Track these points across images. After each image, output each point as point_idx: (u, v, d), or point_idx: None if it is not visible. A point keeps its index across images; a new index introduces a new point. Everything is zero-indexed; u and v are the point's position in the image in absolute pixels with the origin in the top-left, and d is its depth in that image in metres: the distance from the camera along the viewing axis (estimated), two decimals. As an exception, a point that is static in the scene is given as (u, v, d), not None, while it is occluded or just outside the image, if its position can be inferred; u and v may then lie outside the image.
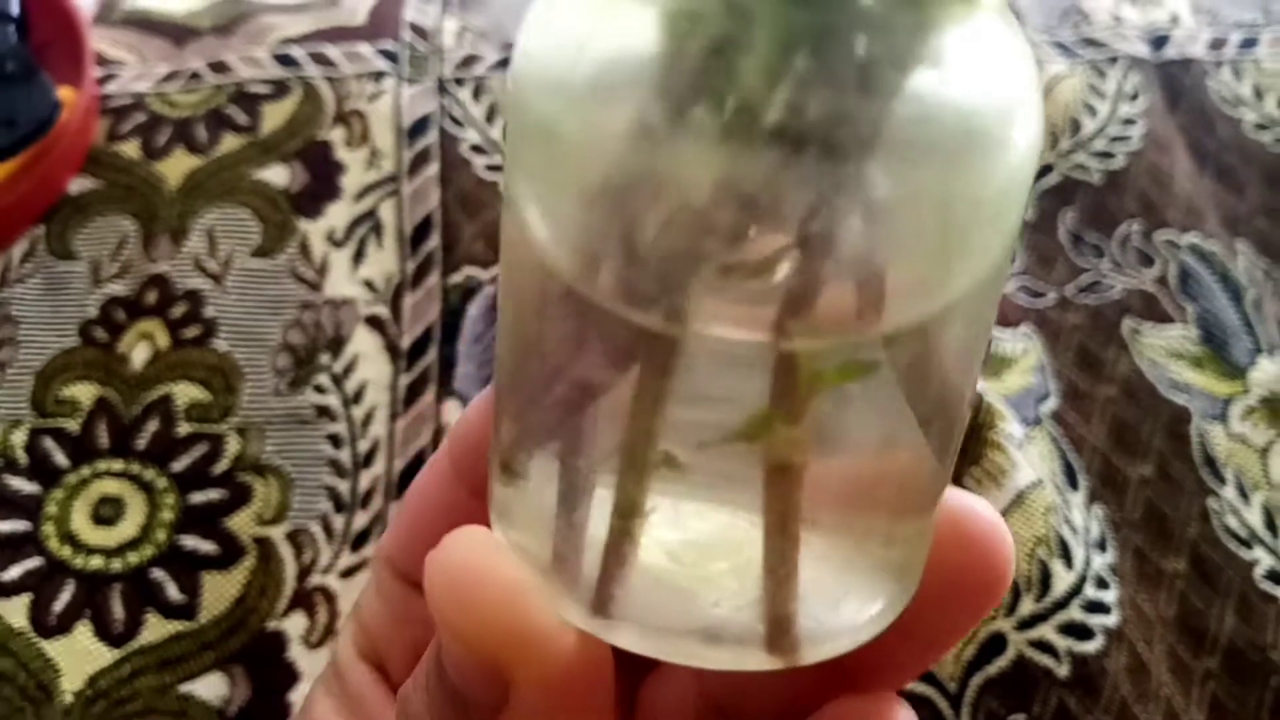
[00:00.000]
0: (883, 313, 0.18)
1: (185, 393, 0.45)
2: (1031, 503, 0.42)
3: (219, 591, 0.41)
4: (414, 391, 0.45)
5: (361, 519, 0.43)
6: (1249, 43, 0.59)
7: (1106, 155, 0.54)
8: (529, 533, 0.21)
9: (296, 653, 0.40)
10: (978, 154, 0.17)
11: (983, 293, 0.19)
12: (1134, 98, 0.56)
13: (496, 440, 0.22)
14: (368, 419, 0.45)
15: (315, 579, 0.42)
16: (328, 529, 0.43)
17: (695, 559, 0.20)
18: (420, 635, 0.26)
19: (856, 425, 0.20)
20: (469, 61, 0.54)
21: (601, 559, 0.20)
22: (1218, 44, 0.59)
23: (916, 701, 0.39)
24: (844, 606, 0.21)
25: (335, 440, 0.44)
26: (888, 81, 0.17)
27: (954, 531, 0.22)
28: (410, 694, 0.23)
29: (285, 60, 0.53)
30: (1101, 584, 0.42)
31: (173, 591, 0.41)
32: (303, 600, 0.41)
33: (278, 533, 0.42)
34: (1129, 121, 0.55)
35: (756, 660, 0.20)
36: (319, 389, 0.45)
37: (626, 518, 0.19)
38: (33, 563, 0.41)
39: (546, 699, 0.20)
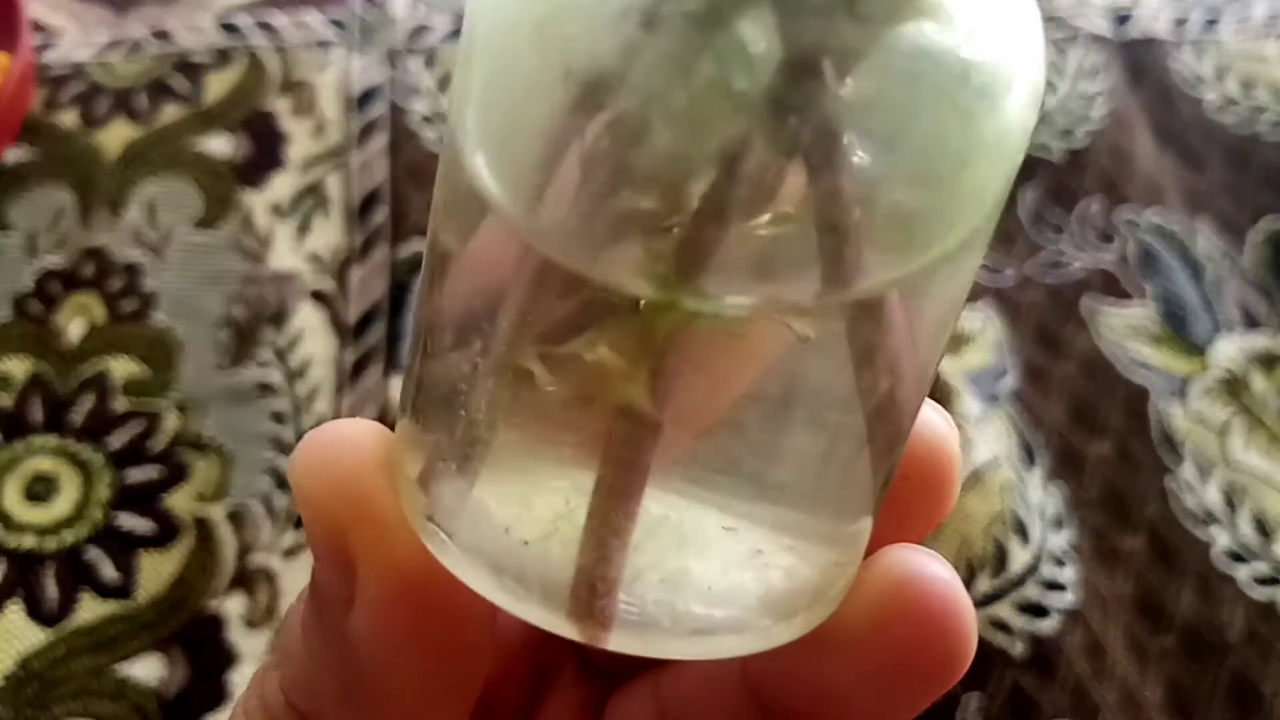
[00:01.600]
0: (827, 276, 0.16)
1: (123, 368, 0.44)
2: (988, 481, 0.41)
3: (156, 571, 0.40)
4: (360, 367, 0.44)
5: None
6: (1211, 23, 0.59)
7: (1067, 133, 0.54)
8: (407, 444, 0.20)
9: (236, 633, 0.39)
10: (974, 103, 0.16)
11: (950, 268, 0.17)
12: (1095, 76, 0.56)
13: (408, 378, 0.20)
14: (312, 395, 0.44)
15: (256, 558, 0.41)
16: (269, 508, 0.41)
17: (530, 492, 0.19)
18: None
19: (752, 402, 0.17)
20: (420, 31, 0.53)
21: (440, 460, 0.19)
22: (1180, 23, 0.58)
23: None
24: (689, 604, 0.18)
25: (278, 417, 0.43)
26: (883, 14, 0.15)
27: (900, 599, 0.19)
28: (291, 607, 0.22)
29: (230, 28, 0.52)
30: (1059, 562, 0.41)
31: (108, 571, 0.40)
32: (243, 580, 0.40)
33: (217, 511, 0.41)
34: (1090, 100, 0.55)
35: (556, 624, 0.18)
36: (262, 364, 0.44)
37: (471, 422, 0.18)
38: (-37, 541, 0.40)
39: (387, 589, 0.18)
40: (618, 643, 0.18)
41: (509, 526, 0.18)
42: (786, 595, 0.19)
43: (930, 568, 0.19)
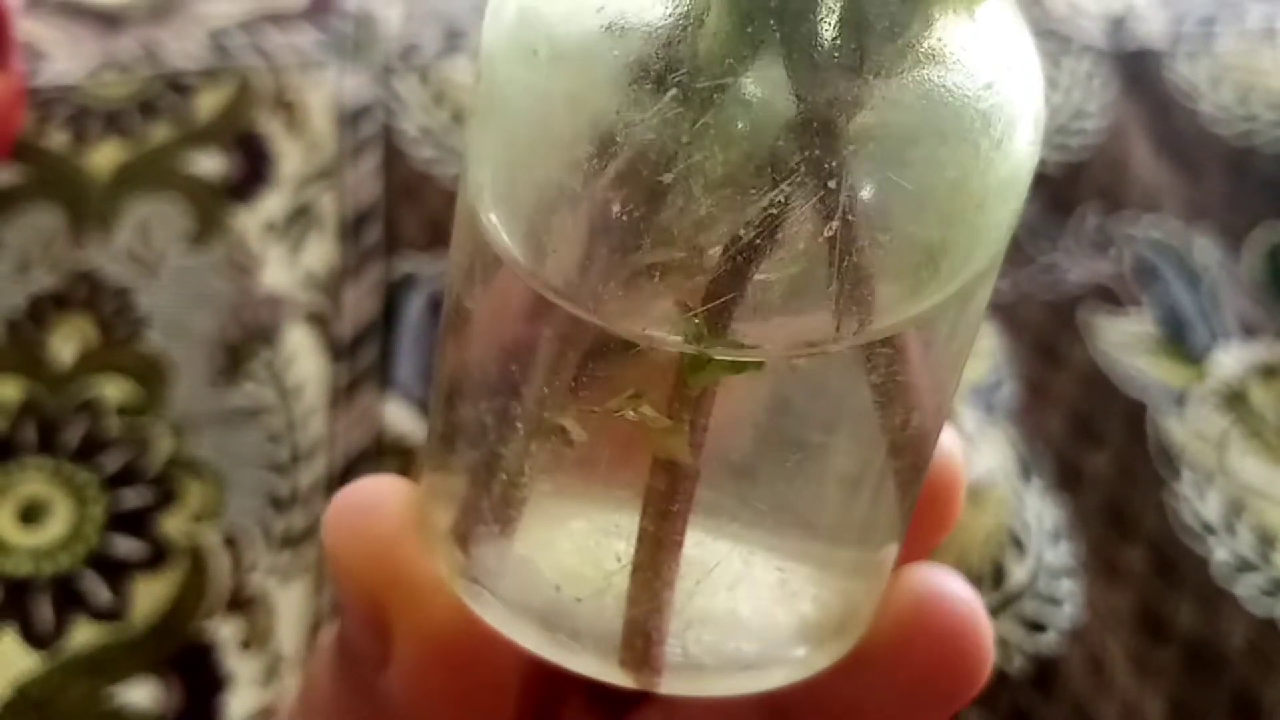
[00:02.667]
0: (842, 320, 0.16)
1: (115, 390, 0.43)
2: (986, 494, 0.41)
3: (150, 594, 0.40)
4: (354, 386, 0.44)
5: (300, 519, 0.42)
6: (1206, 33, 0.59)
7: (1063, 146, 0.53)
8: (437, 497, 0.20)
9: (230, 656, 0.39)
10: (976, 147, 0.16)
11: (963, 302, 0.17)
12: (1091, 88, 0.56)
13: (433, 413, 0.21)
14: (306, 415, 0.44)
15: (250, 581, 0.40)
16: (264, 529, 0.41)
17: (573, 549, 0.19)
18: None
19: (779, 439, 0.18)
20: (412, 49, 0.53)
21: (479, 520, 0.19)
22: (1175, 35, 0.58)
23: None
24: (734, 642, 0.19)
25: (272, 437, 0.43)
26: (878, 64, 0.16)
27: (922, 617, 0.20)
28: (310, 657, 0.22)
29: (220, 48, 0.52)
30: (1057, 577, 0.41)
31: (102, 594, 0.40)
32: (237, 603, 0.40)
33: (211, 533, 0.41)
34: (1086, 112, 0.55)
35: (608, 671, 0.19)
36: (256, 385, 0.44)
37: (511, 483, 0.18)
38: (-45, 566, 0.40)
39: (424, 652, 0.19)
40: (669, 687, 0.19)
41: (559, 584, 0.19)
42: (821, 624, 0.19)
43: (950, 585, 0.20)
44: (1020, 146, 0.17)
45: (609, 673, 0.19)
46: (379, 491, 0.19)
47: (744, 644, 0.19)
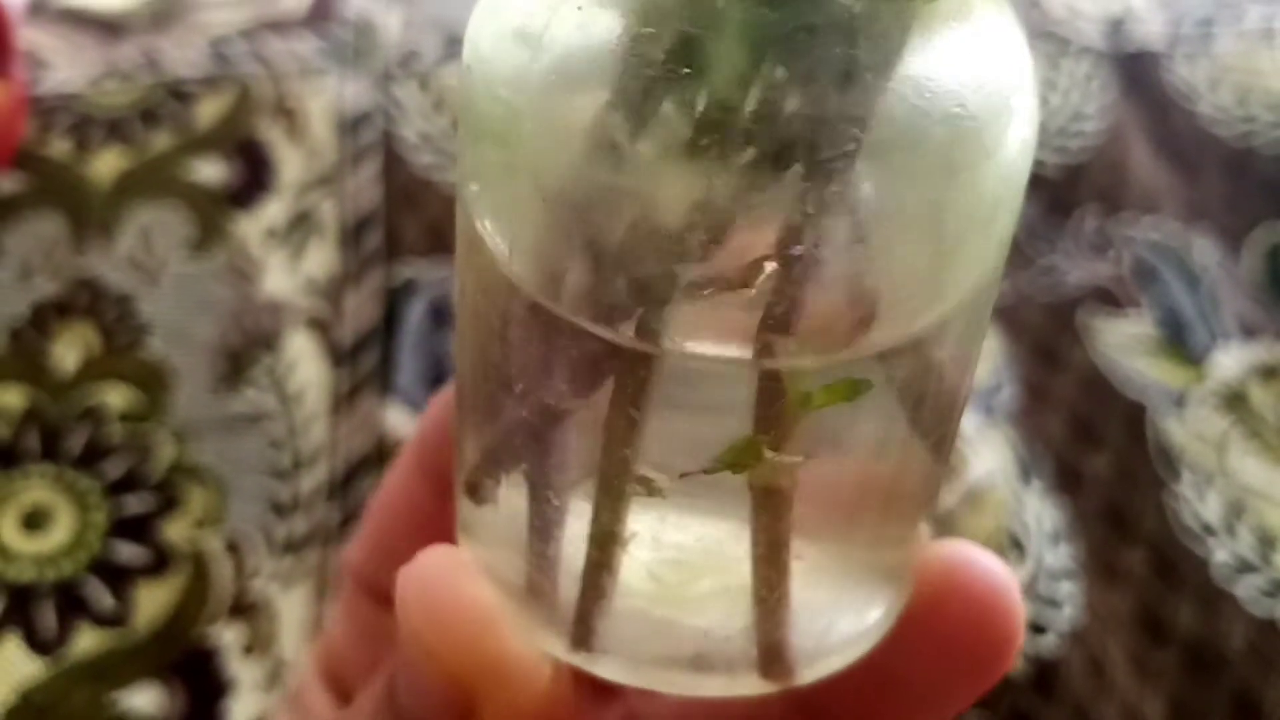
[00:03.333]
0: (873, 328, 0.17)
1: (118, 397, 0.44)
2: (985, 497, 0.41)
3: (153, 600, 0.40)
4: (355, 392, 0.44)
5: (302, 525, 0.42)
6: (1205, 35, 0.59)
7: (1062, 148, 0.53)
8: (500, 555, 0.20)
9: (234, 662, 0.39)
10: (968, 158, 0.16)
11: (977, 302, 0.18)
12: (1090, 90, 0.56)
13: (461, 459, 0.21)
14: (308, 421, 0.44)
15: (253, 586, 0.40)
16: (266, 535, 0.41)
17: (678, 583, 0.19)
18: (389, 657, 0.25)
19: (845, 443, 0.18)
20: (412, 55, 0.53)
21: (580, 591, 0.19)
22: (1173, 36, 0.58)
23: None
24: (837, 623, 0.20)
25: (274, 444, 0.43)
26: (870, 84, 0.16)
27: (954, 589, 0.20)
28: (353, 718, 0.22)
29: (221, 56, 0.52)
30: (1057, 578, 0.41)
31: (105, 600, 0.40)
32: (240, 608, 0.40)
33: (214, 539, 0.41)
34: (1084, 114, 0.55)
35: (750, 685, 0.20)
36: (257, 391, 0.44)
37: (604, 548, 0.18)
38: (-41, 573, 0.40)
39: None
40: (808, 677, 0.20)
41: (670, 617, 0.19)
42: (884, 595, 0.20)
43: (978, 553, 0.20)
44: (1016, 149, 0.17)
45: (748, 686, 0.20)
46: (454, 569, 0.19)
47: (841, 624, 0.20)
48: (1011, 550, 0.41)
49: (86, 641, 0.39)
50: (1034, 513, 0.42)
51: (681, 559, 0.19)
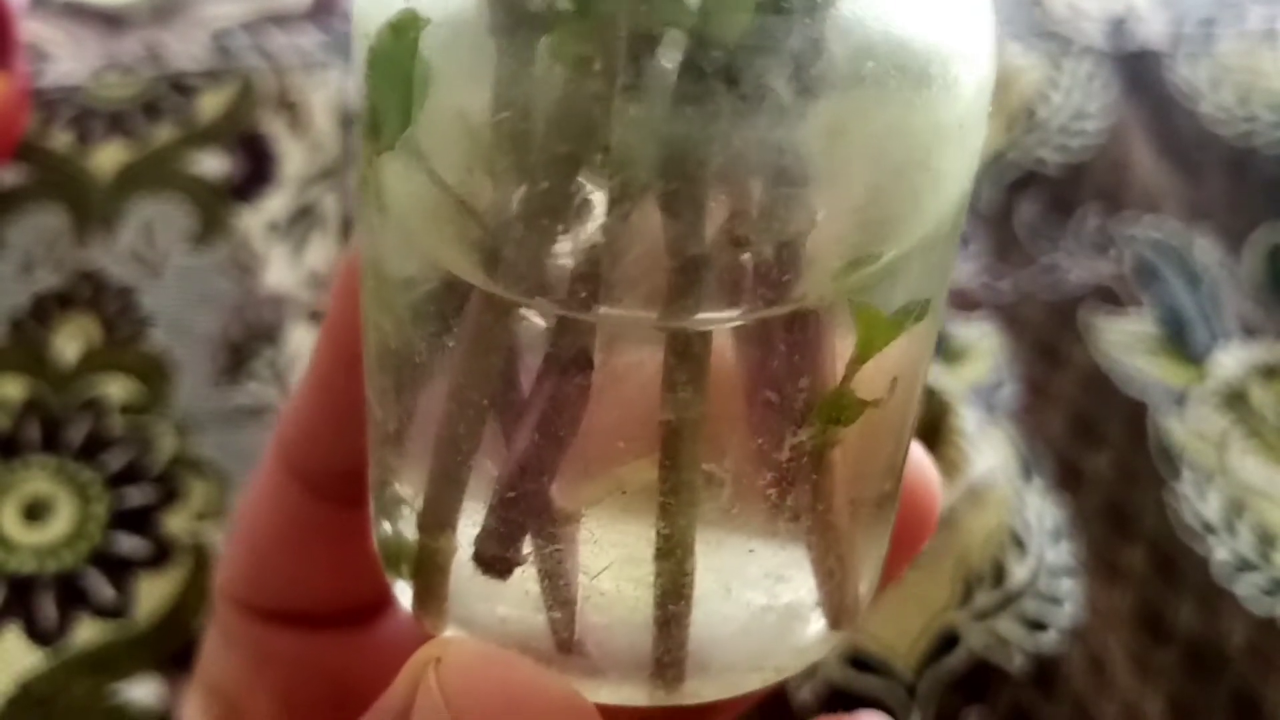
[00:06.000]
0: (804, 275, 0.15)
1: (119, 389, 0.44)
2: (986, 494, 0.41)
3: (154, 592, 0.40)
4: (357, 386, 0.44)
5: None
6: (1206, 35, 0.59)
7: (1064, 147, 0.54)
8: (523, 621, 0.19)
9: (233, 654, 0.39)
10: (920, 89, 0.15)
11: (928, 254, 0.17)
12: (1091, 89, 0.56)
13: (391, 483, 0.19)
14: (309, 414, 0.44)
15: (253, 578, 0.40)
16: (266, 527, 0.41)
17: (730, 578, 0.18)
18: (286, 676, 0.23)
19: (901, 382, 0.17)
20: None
21: (657, 619, 0.18)
22: (1175, 36, 0.58)
23: (871, 700, 0.39)
24: (862, 580, 0.19)
25: (275, 436, 0.43)
26: (808, 2, 0.14)
27: None
28: None
29: (223, 49, 0.52)
30: (1058, 576, 0.41)
31: (106, 592, 0.40)
32: (240, 600, 0.40)
33: (214, 532, 0.41)
34: (1086, 113, 0.55)
35: (816, 634, 0.19)
36: (259, 384, 0.44)
37: (677, 558, 0.17)
38: (-41, 564, 0.40)
39: None
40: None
41: (760, 619, 0.18)
42: (824, 604, 0.19)
43: None
44: (968, 90, 0.16)
45: (820, 636, 0.19)
46: (500, 659, 0.18)
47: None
48: (1013, 547, 0.41)
49: (87, 633, 0.39)
50: (1035, 510, 0.42)
51: (725, 551, 0.18)
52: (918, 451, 0.21)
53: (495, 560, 0.18)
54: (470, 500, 0.18)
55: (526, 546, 0.17)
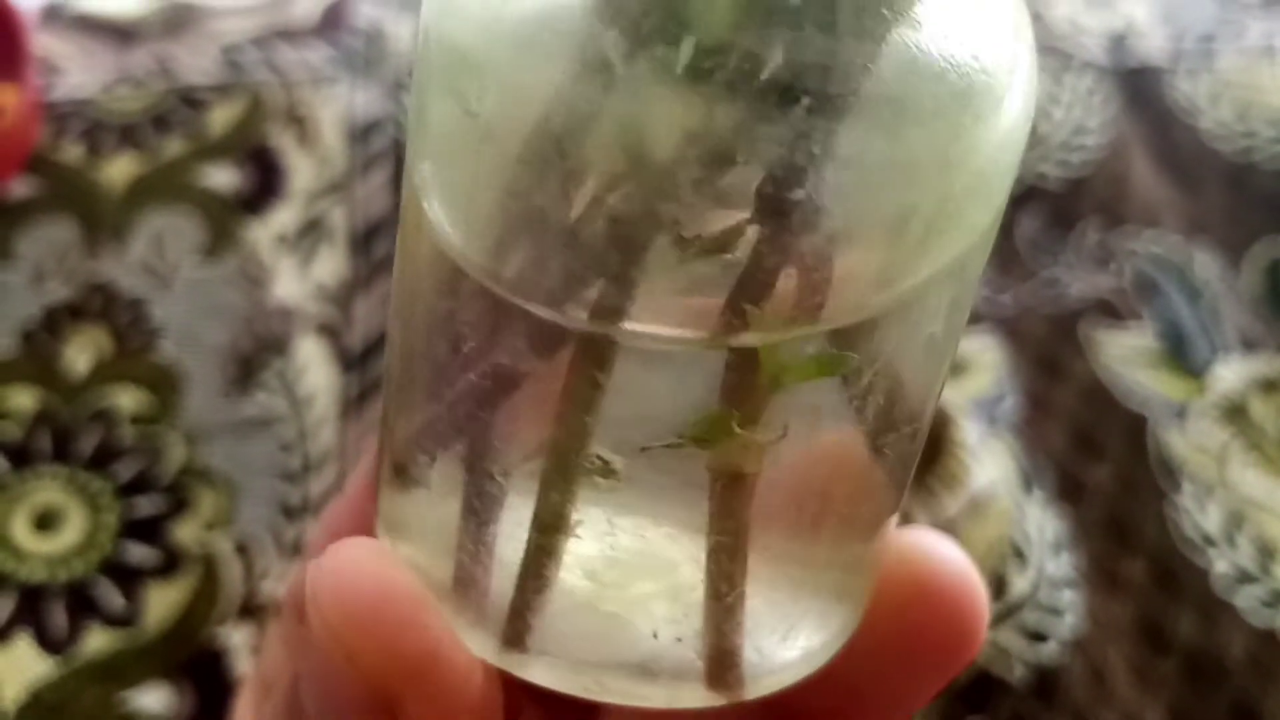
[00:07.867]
0: (851, 297, 0.15)
1: (130, 399, 0.44)
2: (987, 506, 0.42)
3: (164, 601, 0.40)
4: (364, 397, 0.45)
5: (311, 527, 0.42)
6: (1206, 51, 0.59)
7: (1065, 162, 0.54)
8: (426, 547, 0.18)
9: (243, 663, 0.40)
10: (967, 117, 0.15)
11: (963, 272, 0.17)
12: (1092, 104, 0.56)
13: (389, 439, 0.19)
14: (318, 425, 0.44)
15: (262, 588, 0.41)
16: (276, 538, 0.42)
17: (621, 581, 0.18)
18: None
19: (819, 425, 0.17)
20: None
21: (517, 583, 0.17)
22: (1175, 52, 0.59)
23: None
24: (790, 636, 0.19)
25: (284, 447, 0.43)
26: (871, 27, 0.14)
27: (917, 580, 0.19)
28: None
29: (233, 63, 0.52)
30: (1058, 587, 0.41)
31: (116, 601, 0.40)
32: (250, 610, 0.40)
33: (224, 541, 0.41)
34: (1086, 128, 0.55)
35: (694, 696, 0.18)
36: (268, 395, 0.44)
37: (548, 533, 0.17)
38: (-29, 573, 0.40)
39: None
40: (754, 692, 0.18)
41: (657, 630, 0.18)
42: (851, 604, 0.19)
43: (937, 542, 0.20)
44: (1008, 120, 0.16)
45: (693, 698, 0.18)
46: (374, 559, 0.17)
47: (799, 634, 0.19)
48: (1013, 559, 0.41)
49: (97, 641, 0.39)
50: (1036, 522, 0.43)
51: (625, 557, 0.17)
52: (962, 558, 0.20)
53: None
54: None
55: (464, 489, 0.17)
